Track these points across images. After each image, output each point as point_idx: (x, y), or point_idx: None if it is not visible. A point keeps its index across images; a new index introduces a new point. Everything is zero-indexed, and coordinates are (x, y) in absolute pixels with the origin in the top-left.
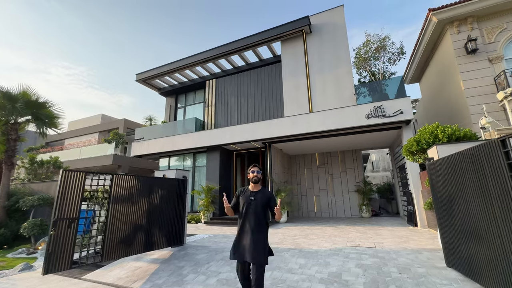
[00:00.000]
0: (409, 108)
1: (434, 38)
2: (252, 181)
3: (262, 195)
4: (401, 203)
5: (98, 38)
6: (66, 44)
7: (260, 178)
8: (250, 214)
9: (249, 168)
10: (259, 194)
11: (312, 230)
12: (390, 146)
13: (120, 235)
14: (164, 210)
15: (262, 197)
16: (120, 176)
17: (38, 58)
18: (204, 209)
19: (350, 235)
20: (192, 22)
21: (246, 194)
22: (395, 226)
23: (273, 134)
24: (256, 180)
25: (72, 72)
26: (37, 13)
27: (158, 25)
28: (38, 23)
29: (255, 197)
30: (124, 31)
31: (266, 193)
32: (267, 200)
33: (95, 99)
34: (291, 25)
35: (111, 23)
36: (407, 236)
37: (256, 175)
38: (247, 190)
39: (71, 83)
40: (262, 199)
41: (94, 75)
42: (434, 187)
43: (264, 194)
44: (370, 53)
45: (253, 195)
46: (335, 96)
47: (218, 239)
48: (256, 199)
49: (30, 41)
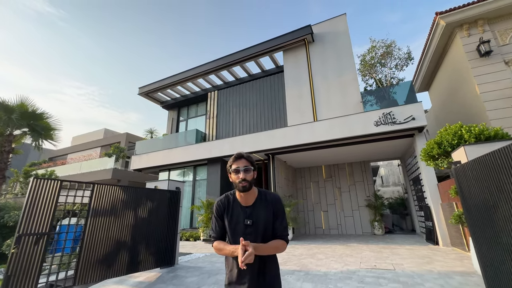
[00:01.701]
0: (422, 114)
1: (442, 42)
2: (239, 189)
3: (263, 210)
4: (417, 218)
5: (108, 57)
6: (78, 65)
7: (252, 180)
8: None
9: (228, 162)
10: (257, 209)
11: (320, 249)
12: (401, 157)
13: (99, 254)
14: (153, 225)
15: (265, 215)
16: (102, 186)
17: (53, 78)
18: (204, 226)
19: (364, 255)
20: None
21: (236, 214)
22: (413, 244)
23: (275, 145)
24: (246, 187)
25: (84, 91)
26: (51, 34)
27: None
28: (51, 44)
29: (253, 220)
30: (129, 46)
31: (268, 201)
32: (273, 216)
33: (106, 117)
34: (293, 35)
35: (115, 36)
36: (430, 256)
37: (244, 178)
38: (236, 206)
39: (83, 103)
40: (267, 219)
41: (104, 94)
42: (465, 195)
43: (266, 205)
44: (376, 59)
45: (249, 215)
46: (340, 104)
47: (214, 259)
48: (256, 222)
49: (45, 62)
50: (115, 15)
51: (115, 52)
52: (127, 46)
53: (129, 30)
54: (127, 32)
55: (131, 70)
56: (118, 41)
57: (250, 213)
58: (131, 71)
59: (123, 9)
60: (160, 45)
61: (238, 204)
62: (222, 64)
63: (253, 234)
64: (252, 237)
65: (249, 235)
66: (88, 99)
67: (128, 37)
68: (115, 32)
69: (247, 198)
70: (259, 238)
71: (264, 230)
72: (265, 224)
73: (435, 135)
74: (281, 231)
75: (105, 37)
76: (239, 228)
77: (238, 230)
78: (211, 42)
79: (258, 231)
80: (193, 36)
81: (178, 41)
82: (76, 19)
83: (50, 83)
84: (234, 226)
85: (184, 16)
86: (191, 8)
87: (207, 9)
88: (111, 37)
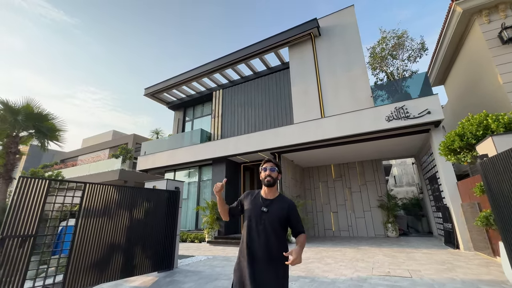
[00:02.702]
0: (438, 107)
1: (459, 31)
2: (264, 184)
3: (279, 205)
4: (434, 220)
5: (121, 62)
6: (92, 70)
7: (276, 178)
8: (259, 234)
9: (261, 165)
10: (275, 204)
11: (329, 252)
12: (416, 154)
13: (91, 257)
14: (149, 227)
15: (279, 209)
16: (94, 185)
17: (68, 84)
18: (209, 227)
19: (376, 259)
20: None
21: (256, 202)
22: (430, 248)
23: (281, 143)
24: (271, 182)
25: (98, 96)
26: (65, 41)
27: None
28: (66, 50)
29: (268, 209)
30: (135, 48)
31: (285, 202)
32: (286, 216)
33: (118, 121)
34: (299, 29)
35: (120, 39)
36: (451, 262)
37: (269, 174)
38: (258, 197)
39: (97, 107)
40: (280, 212)
41: (117, 99)
42: (494, 194)
43: (282, 204)
44: (387, 51)
45: (266, 205)
46: (349, 100)
47: (216, 262)
48: (271, 211)
49: (61, 68)
50: (123, 19)
51: (124, 56)
52: (133, 49)
53: (132, 32)
54: (130, 33)
55: (139, 73)
56: (125, 44)
57: (268, 204)
58: (140, 75)
59: (130, 12)
60: (164, 46)
61: (260, 196)
62: (227, 62)
63: (266, 219)
64: (264, 221)
65: (263, 220)
66: (101, 103)
67: (133, 39)
68: (121, 35)
69: (269, 193)
70: (273, 224)
71: (277, 221)
72: (277, 216)
73: (456, 127)
74: (300, 228)
75: (114, 42)
76: (256, 212)
77: (255, 213)
78: (213, 43)
79: (269, 219)
80: (209, 40)
81: (182, 42)
82: (88, 25)
83: (66, 88)
84: (252, 209)
85: (185, 18)
86: (202, 10)
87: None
88: (116, 40)
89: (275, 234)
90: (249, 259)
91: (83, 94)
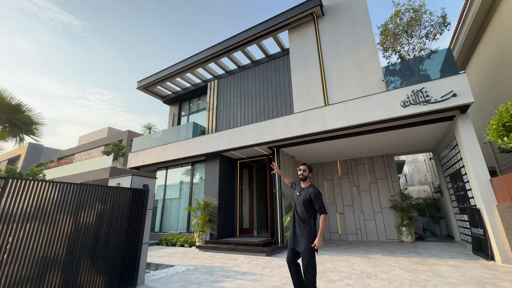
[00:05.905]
0: (466, 89)
1: (487, 3)
2: (299, 179)
3: (307, 191)
4: (456, 223)
5: (127, 65)
6: (101, 72)
7: (306, 176)
8: (296, 208)
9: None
10: (305, 190)
11: (333, 263)
12: (434, 148)
13: (13, 276)
14: (104, 235)
15: (306, 194)
16: (21, 181)
17: (78, 86)
18: (199, 230)
19: (393, 275)
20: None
21: (297, 187)
22: (456, 257)
23: (279, 136)
24: (303, 178)
25: (107, 97)
26: (75, 45)
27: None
28: (76, 53)
29: (300, 193)
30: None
31: (310, 189)
32: (309, 198)
33: (126, 121)
34: (300, 8)
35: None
36: (492, 282)
37: (302, 173)
38: (298, 185)
39: (106, 108)
40: (305, 197)
41: (125, 100)
42: None
43: (309, 190)
44: (401, 27)
45: (299, 191)
46: (357, 84)
47: (194, 277)
48: (300, 195)
49: (71, 71)
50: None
51: (131, 58)
52: (140, 51)
53: (140, 32)
54: (136, 33)
55: (147, 74)
56: (133, 45)
57: (301, 190)
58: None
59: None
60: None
61: (300, 185)
62: (222, 50)
63: (298, 200)
64: (298, 200)
65: (298, 199)
66: (110, 104)
67: (139, 40)
68: (130, 37)
69: (303, 184)
70: (301, 205)
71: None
72: (303, 199)
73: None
74: (318, 207)
75: (122, 45)
76: (295, 195)
77: (295, 195)
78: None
79: (300, 201)
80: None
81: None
82: (96, 28)
83: (76, 90)
84: (294, 194)
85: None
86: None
87: None
88: (124, 42)
89: (305, 209)
90: (293, 221)
91: (92, 96)
